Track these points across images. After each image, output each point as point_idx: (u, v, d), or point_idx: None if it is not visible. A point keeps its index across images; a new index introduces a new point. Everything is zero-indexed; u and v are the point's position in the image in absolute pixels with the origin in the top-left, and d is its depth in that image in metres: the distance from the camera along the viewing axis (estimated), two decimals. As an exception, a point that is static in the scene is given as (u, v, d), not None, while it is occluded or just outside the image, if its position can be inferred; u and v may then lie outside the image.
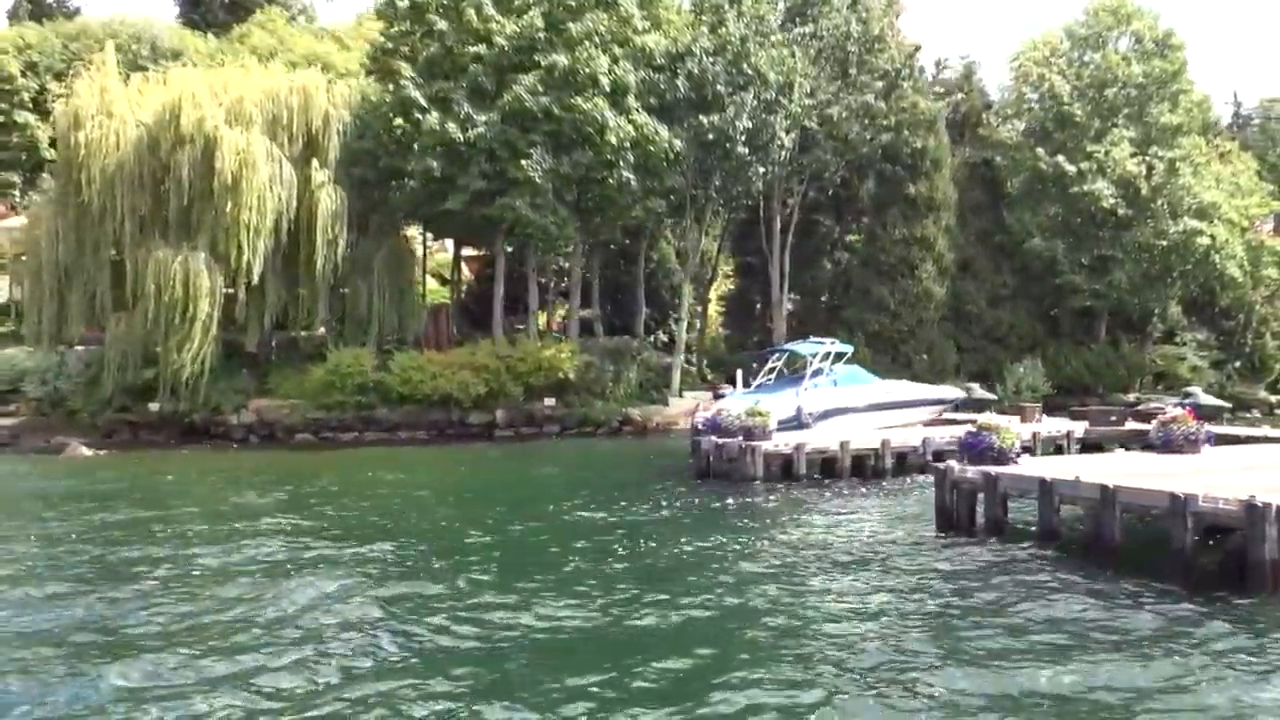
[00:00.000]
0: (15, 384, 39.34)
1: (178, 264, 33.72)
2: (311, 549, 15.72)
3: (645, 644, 10.60)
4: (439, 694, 9.05)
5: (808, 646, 10.50)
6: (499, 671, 9.75)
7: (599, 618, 11.63)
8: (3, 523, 18.89)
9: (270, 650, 10.30)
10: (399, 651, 10.34)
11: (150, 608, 12.16)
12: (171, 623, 11.51)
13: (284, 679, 9.45)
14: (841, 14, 38.14)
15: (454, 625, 11.28)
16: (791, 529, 17.52)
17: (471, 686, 9.27)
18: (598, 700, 8.92)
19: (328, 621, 11.40)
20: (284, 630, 11.08)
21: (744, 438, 22.45)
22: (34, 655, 10.32)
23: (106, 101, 35.66)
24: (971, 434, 17.20)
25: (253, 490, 23.20)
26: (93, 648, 10.61)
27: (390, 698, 8.93)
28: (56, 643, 10.79)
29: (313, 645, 10.47)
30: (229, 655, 10.16)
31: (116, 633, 11.23)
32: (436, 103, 35.27)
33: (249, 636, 10.88)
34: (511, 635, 10.94)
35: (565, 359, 37.79)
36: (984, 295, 40.57)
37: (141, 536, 17.12)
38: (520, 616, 11.57)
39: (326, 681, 9.42)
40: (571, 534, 17.25)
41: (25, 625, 11.48)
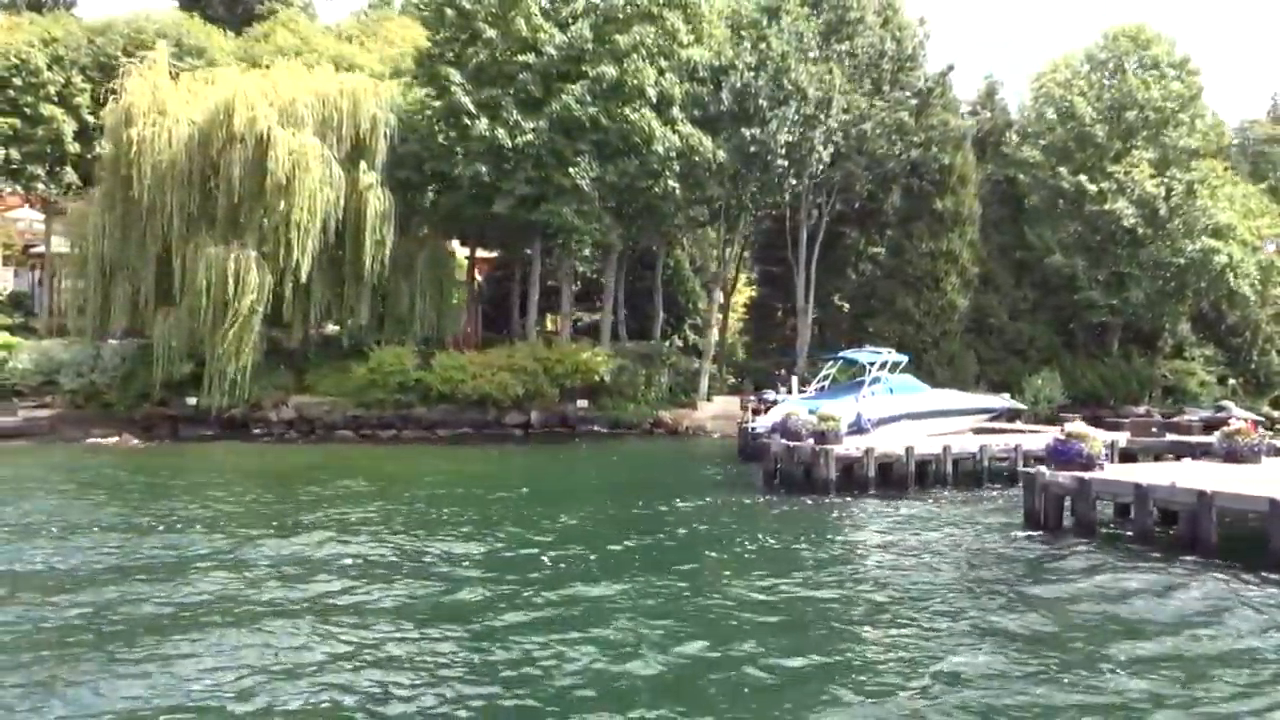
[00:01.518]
0: (51, 376, 39.60)
1: (230, 260, 34.24)
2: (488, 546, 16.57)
3: (799, 637, 11.47)
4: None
5: (975, 643, 11.49)
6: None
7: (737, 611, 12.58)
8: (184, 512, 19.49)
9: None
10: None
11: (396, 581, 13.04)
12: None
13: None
14: (876, 32, 39.33)
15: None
16: (889, 531, 18.46)
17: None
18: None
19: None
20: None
21: (815, 441, 23.37)
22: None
23: (159, 99, 36.12)
24: (1060, 441, 18.26)
25: (359, 479, 24.29)
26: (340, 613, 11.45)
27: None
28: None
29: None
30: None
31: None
32: (484, 108, 36.03)
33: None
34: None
35: (600, 362, 38.66)
36: (1005, 308, 41.90)
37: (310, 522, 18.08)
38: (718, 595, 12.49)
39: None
40: (685, 535, 18.11)
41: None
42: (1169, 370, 43.51)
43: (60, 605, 12.09)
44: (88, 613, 11.79)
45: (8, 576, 13.64)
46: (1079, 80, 42.04)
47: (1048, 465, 18.35)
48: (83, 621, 11.45)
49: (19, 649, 10.48)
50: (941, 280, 40.05)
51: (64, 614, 11.73)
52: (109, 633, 11.06)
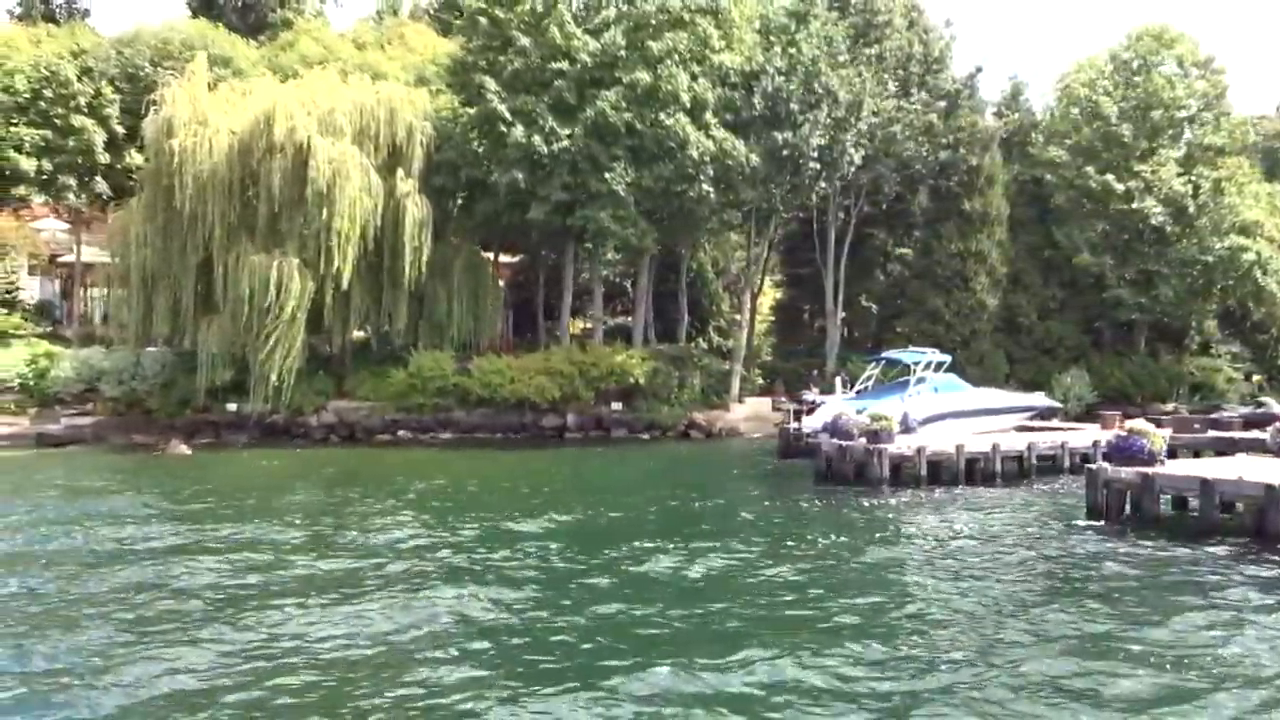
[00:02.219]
0: (92, 384, 40.09)
1: (273, 268, 34.71)
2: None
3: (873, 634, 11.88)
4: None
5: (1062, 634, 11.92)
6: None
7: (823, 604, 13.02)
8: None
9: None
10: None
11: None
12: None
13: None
14: (903, 35, 39.78)
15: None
16: (956, 526, 18.85)
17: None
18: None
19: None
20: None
21: (868, 441, 23.78)
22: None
23: (199, 110, 36.61)
24: (1121, 437, 18.66)
25: (441, 477, 25.31)
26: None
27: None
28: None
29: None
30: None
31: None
32: (519, 116, 36.48)
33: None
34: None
35: (635, 364, 39.07)
36: (1034, 307, 42.31)
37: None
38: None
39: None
40: (755, 538, 18.50)
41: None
42: (1196, 367, 43.88)
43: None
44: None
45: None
46: (1103, 80, 42.43)
47: (1108, 460, 18.73)
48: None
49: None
50: (971, 280, 40.46)
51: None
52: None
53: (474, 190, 38.37)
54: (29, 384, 39.57)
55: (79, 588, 13.55)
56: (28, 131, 46.72)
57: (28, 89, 47.30)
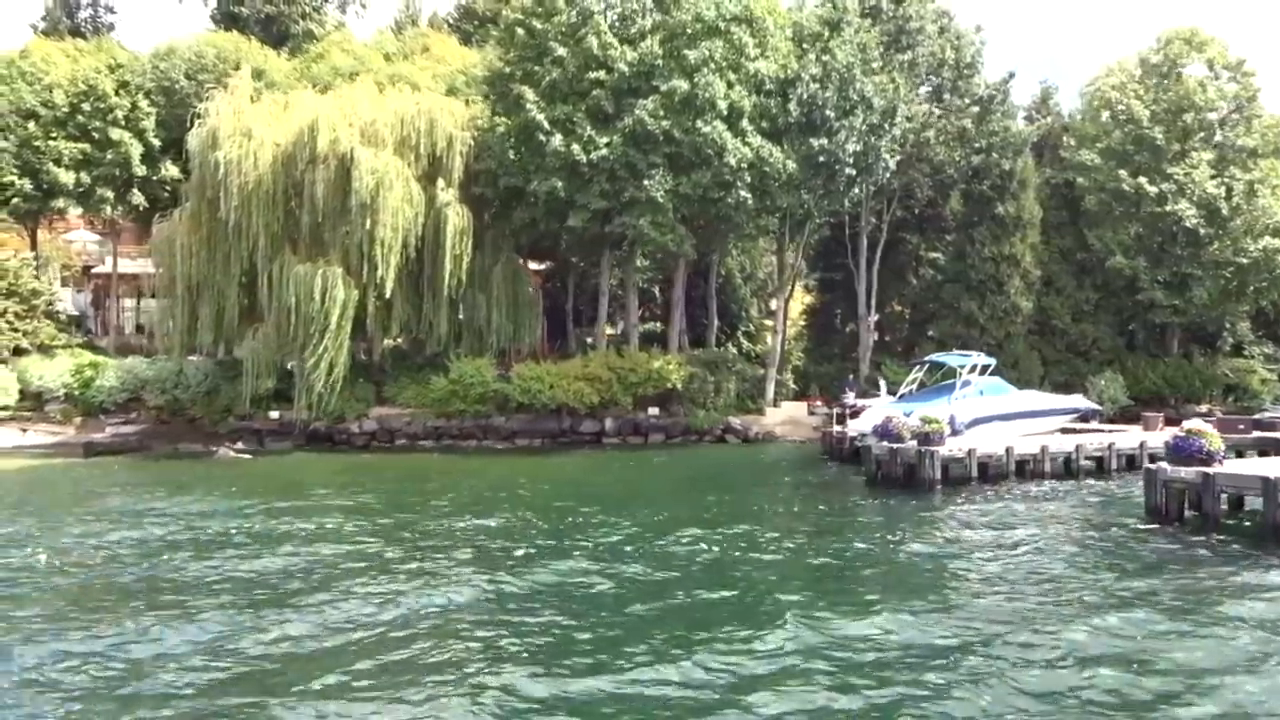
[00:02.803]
0: (136, 393, 40.68)
1: (318, 278, 35.21)
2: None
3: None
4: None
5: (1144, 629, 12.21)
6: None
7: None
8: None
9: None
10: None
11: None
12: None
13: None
14: (936, 41, 40.10)
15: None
16: (1015, 525, 19.15)
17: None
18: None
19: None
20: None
21: (919, 443, 24.07)
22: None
23: (243, 123, 37.17)
24: (1180, 437, 18.90)
25: (524, 481, 26.09)
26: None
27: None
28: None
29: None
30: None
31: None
32: (558, 125, 36.92)
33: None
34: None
35: (673, 370, 39.42)
36: (1068, 310, 42.51)
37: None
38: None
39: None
40: (818, 529, 18.88)
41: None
42: (1229, 369, 44.01)
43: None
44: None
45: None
46: (1134, 84, 42.65)
47: (1166, 460, 18.99)
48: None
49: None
50: (1005, 283, 40.71)
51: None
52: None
53: (511, 199, 38.82)
54: (74, 394, 40.16)
55: (203, 571, 14.50)
56: (66, 145, 47.30)
57: (66, 103, 47.91)
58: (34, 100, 47.04)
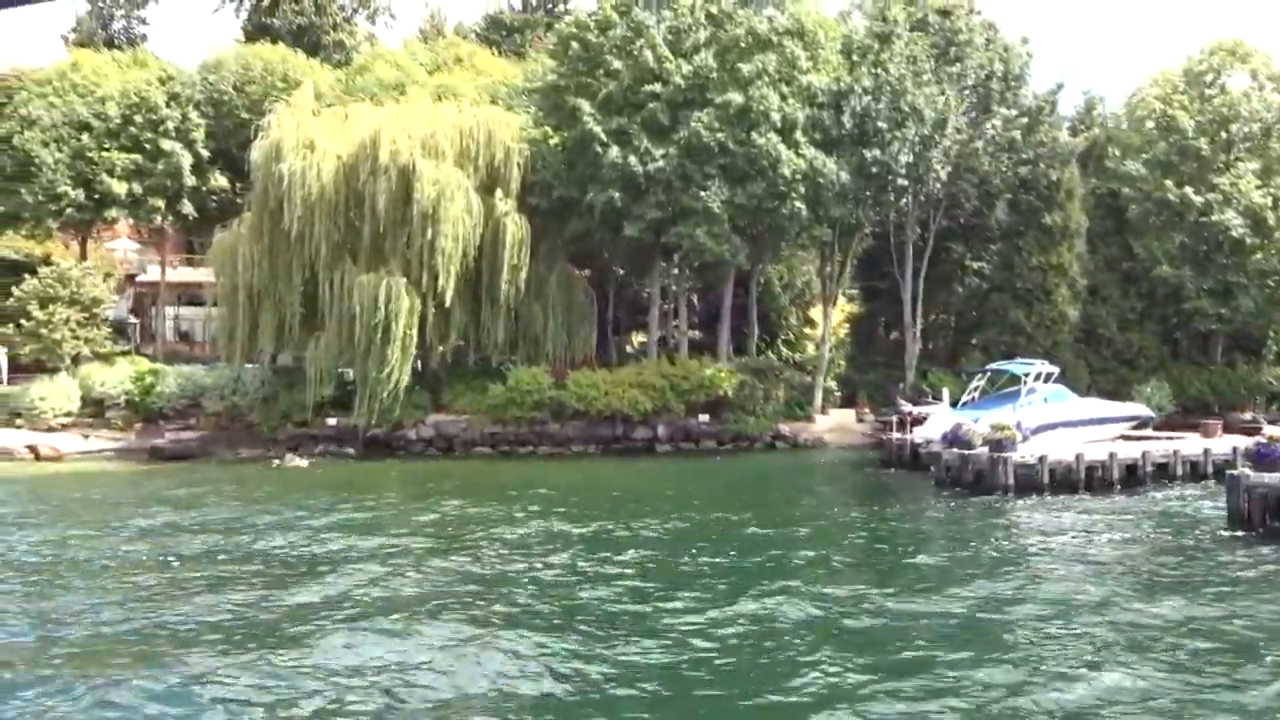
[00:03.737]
0: (195, 399, 41.41)
1: (382, 287, 35.92)
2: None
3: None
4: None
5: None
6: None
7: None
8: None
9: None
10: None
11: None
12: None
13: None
14: (984, 53, 40.70)
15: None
16: (1096, 530, 19.63)
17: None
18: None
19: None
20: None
21: (992, 450, 24.56)
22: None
23: (305, 134, 37.93)
24: (1262, 444, 19.38)
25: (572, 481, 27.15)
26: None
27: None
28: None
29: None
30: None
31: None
32: (614, 136, 37.60)
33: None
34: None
35: (725, 377, 39.99)
36: (1114, 319, 42.99)
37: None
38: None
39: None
40: (901, 534, 19.39)
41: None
42: (1273, 376, 44.39)
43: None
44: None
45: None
46: (1177, 95, 43.16)
47: (1247, 467, 19.46)
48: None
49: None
50: (1052, 292, 41.21)
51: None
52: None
53: (565, 209, 39.49)
54: (135, 400, 40.89)
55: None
56: (119, 156, 48.04)
57: (119, 115, 48.71)
58: (87, 112, 47.82)
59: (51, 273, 42.51)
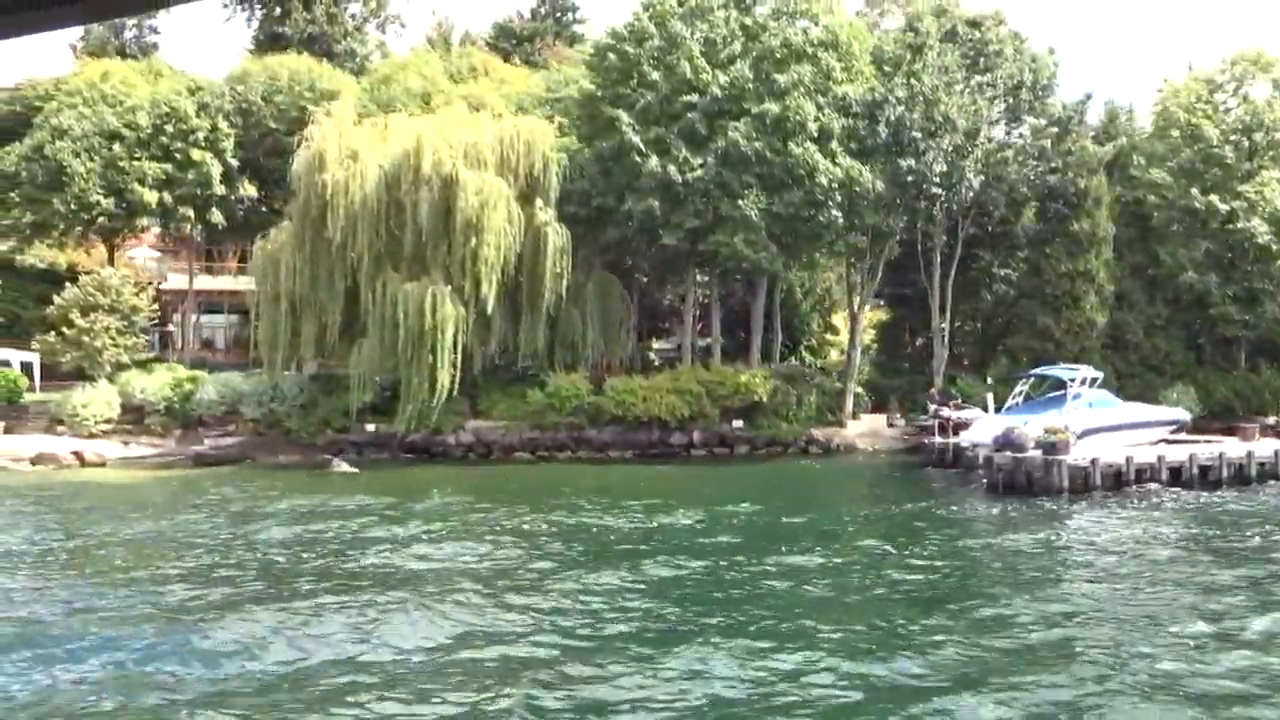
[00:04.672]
0: (234, 406, 41.83)
1: (427, 295, 36.43)
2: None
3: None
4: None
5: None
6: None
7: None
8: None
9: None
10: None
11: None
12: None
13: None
14: (1013, 63, 41.40)
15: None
16: (1162, 530, 20.16)
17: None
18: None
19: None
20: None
21: (1045, 452, 25.11)
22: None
23: (347, 144, 38.44)
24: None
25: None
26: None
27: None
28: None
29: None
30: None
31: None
32: (652, 145, 38.19)
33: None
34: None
35: (759, 383, 40.54)
36: (1140, 325, 43.62)
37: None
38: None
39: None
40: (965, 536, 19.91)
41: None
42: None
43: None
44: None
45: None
46: (1201, 104, 43.87)
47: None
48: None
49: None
50: (1080, 299, 41.81)
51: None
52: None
53: (600, 217, 40.05)
54: (174, 407, 41.30)
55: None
56: (150, 165, 48.49)
57: (150, 125, 49.17)
58: (117, 122, 48.29)
59: (91, 281, 42.93)
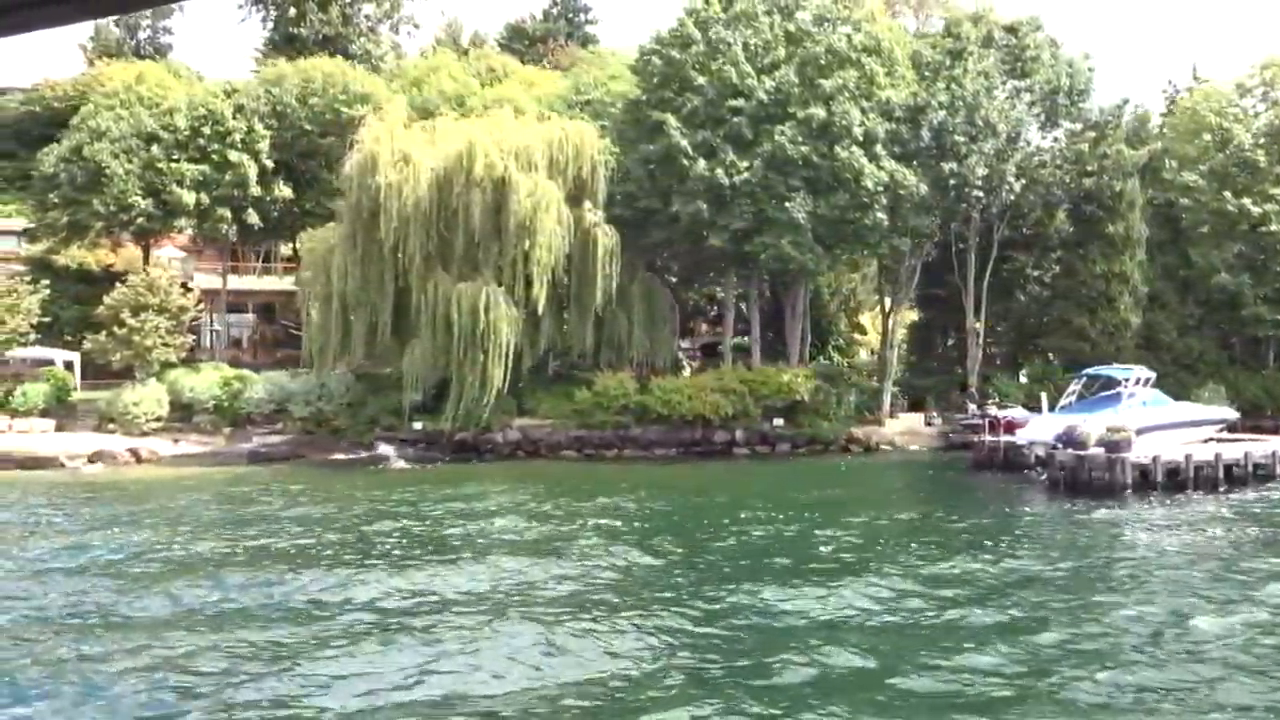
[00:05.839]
0: (282, 405, 42.41)
1: (481, 296, 37.05)
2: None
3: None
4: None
5: None
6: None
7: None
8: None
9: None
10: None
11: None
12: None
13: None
14: (1050, 68, 42.18)
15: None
16: (1239, 525, 20.85)
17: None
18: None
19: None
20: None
21: (1108, 450, 25.82)
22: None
23: (399, 147, 39.02)
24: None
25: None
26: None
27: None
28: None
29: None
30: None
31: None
32: (699, 149, 38.86)
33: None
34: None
35: (801, 382, 41.22)
36: (1174, 325, 44.45)
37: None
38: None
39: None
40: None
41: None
42: (1325, 381, 45.86)
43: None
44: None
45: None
46: (1232, 108, 44.73)
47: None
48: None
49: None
50: (1115, 300, 42.60)
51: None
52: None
53: (645, 219, 40.71)
54: (223, 405, 41.87)
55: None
56: (189, 167, 48.99)
57: (187, 127, 49.66)
58: (155, 124, 48.74)
59: (141, 281, 43.44)
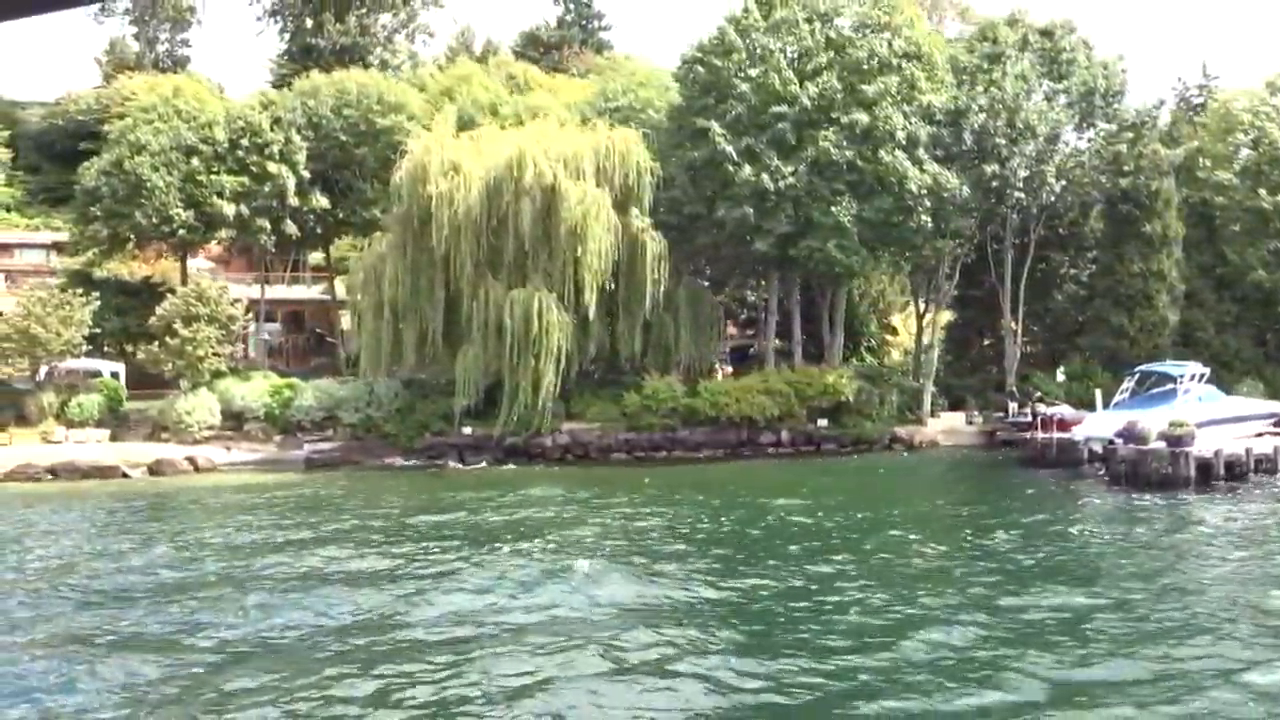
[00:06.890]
0: (331, 412, 43.00)
1: (534, 302, 37.66)
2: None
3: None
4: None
5: None
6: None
7: None
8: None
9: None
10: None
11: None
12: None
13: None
14: (1085, 70, 42.80)
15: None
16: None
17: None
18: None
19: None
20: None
21: (1170, 444, 26.35)
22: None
23: (449, 157, 39.64)
24: None
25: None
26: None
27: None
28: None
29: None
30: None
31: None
32: (743, 154, 39.47)
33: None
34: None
35: (845, 383, 41.79)
36: (1211, 323, 44.99)
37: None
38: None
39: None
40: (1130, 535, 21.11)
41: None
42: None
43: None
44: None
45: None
46: (1265, 107, 45.33)
47: None
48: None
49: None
50: (1153, 298, 43.13)
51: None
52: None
53: (690, 224, 41.32)
54: (273, 413, 42.49)
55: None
56: (228, 179, 49.64)
57: (226, 139, 50.33)
58: (194, 137, 49.39)
59: (191, 291, 44.08)
